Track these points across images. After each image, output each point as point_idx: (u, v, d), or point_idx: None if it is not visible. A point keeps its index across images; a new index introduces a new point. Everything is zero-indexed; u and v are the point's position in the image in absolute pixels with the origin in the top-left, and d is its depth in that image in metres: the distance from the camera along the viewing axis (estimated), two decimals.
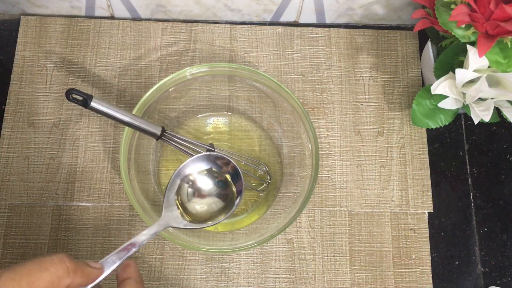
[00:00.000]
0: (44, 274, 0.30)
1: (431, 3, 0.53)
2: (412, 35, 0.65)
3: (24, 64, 0.62)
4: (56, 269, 0.31)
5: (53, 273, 0.31)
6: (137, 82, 0.62)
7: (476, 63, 0.50)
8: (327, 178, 0.59)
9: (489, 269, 0.57)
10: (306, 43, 0.64)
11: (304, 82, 0.62)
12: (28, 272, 0.30)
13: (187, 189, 0.47)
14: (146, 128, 0.49)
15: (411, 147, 0.61)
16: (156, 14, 0.65)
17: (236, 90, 0.59)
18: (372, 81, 0.63)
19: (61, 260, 0.31)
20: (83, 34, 0.63)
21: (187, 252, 0.56)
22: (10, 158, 0.58)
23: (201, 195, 0.48)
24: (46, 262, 0.31)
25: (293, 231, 0.57)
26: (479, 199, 0.60)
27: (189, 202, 0.47)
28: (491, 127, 0.63)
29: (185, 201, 0.47)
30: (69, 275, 0.31)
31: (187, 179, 0.47)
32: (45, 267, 0.30)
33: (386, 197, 0.59)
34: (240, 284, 0.55)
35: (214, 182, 0.49)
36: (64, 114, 0.60)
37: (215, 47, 0.64)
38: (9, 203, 0.56)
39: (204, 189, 0.48)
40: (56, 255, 0.31)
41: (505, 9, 0.46)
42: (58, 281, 0.31)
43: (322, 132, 0.61)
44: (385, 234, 0.57)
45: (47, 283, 0.30)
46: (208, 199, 0.48)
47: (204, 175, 0.48)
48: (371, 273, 0.56)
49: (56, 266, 0.31)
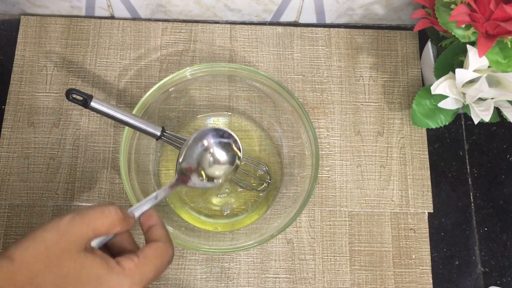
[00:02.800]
0: (105, 221, 0.34)
1: (431, 3, 0.53)
2: (412, 35, 0.65)
3: (24, 64, 0.62)
4: (112, 218, 0.35)
5: (110, 221, 0.35)
6: (137, 82, 0.62)
7: (476, 63, 0.50)
8: (327, 178, 0.59)
9: (489, 269, 0.57)
10: (306, 43, 0.64)
11: (304, 82, 0.62)
12: (93, 217, 0.34)
13: (197, 156, 0.48)
14: (146, 128, 0.49)
15: (411, 147, 0.61)
16: (156, 14, 0.65)
17: (236, 90, 0.59)
18: (372, 81, 0.63)
19: (116, 210, 0.35)
20: (83, 34, 0.63)
21: (187, 252, 0.56)
22: (10, 158, 0.58)
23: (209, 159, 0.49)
24: (105, 211, 0.35)
25: (293, 231, 0.57)
26: (479, 199, 0.60)
27: (199, 166, 0.48)
28: (491, 127, 0.63)
29: (195, 166, 0.48)
30: (120, 224, 0.35)
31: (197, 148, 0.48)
32: (105, 215, 0.34)
33: (386, 197, 0.59)
34: (240, 284, 0.55)
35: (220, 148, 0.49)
36: (64, 114, 0.60)
37: (215, 47, 0.64)
38: (9, 203, 0.56)
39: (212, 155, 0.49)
40: (112, 206, 0.35)
41: (505, 9, 0.46)
42: (112, 228, 0.35)
43: (322, 132, 0.61)
44: (385, 234, 0.57)
45: (106, 229, 0.34)
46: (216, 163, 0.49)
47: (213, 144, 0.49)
48: (371, 273, 0.56)
49: (113, 215, 0.35)
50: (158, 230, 0.38)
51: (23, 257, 0.31)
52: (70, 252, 0.32)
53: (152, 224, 0.39)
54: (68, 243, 0.32)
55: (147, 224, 0.39)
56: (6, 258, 0.31)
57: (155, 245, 0.37)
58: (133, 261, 0.34)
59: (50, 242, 0.32)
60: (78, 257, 0.32)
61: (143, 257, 0.35)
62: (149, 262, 0.35)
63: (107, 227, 0.35)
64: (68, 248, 0.32)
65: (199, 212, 0.57)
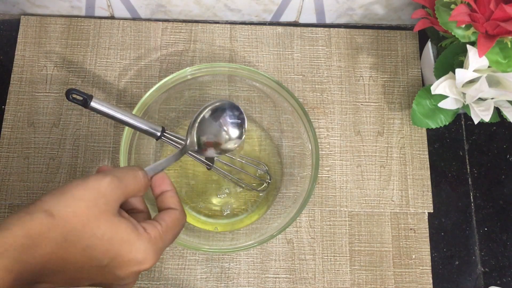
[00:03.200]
0: (136, 186, 0.36)
1: (431, 3, 0.53)
2: (412, 35, 0.65)
3: (24, 64, 0.62)
4: (142, 183, 0.37)
5: (140, 186, 0.37)
6: (137, 82, 0.62)
7: (476, 63, 0.50)
8: (327, 178, 0.59)
9: (489, 269, 0.57)
10: (306, 43, 0.64)
11: (304, 82, 0.62)
12: (129, 182, 0.36)
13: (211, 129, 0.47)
14: (146, 128, 0.49)
15: (411, 147, 0.61)
16: (156, 14, 0.65)
17: (236, 90, 0.59)
18: (372, 81, 0.63)
19: (144, 176, 0.37)
20: (83, 34, 0.63)
21: (187, 252, 0.56)
22: (10, 158, 0.58)
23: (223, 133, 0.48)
24: (138, 177, 0.37)
25: (293, 231, 0.57)
26: (479, 199, 0.60)
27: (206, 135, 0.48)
28: (491, 127, 0.63)
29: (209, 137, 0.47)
30: (145, 188, 0.38)
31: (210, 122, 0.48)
32: (137, 181, 0.36)
33: (386, 197, 0.59)
34: (240, 284, 0.55)
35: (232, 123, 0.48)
36: (64, 114, 0.60)
37: (215, 47, 0.64)
38: (9, 203, 0.56)
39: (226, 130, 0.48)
40: (142, 171, 0.37)
41: (505, 9, 0.46)
42: (139, 192, 0.37)
43: (322, 132, 0.61)
44: (385, 234, 0.57)
45: (135, 193, 0.36)
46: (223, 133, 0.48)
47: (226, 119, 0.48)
48: (371, 273, 0.56)
49: (142, 181, 0.37)
50: (174, 197, 0.39)
51: (63, 214, 0.32)
52: (107, 214, 0.33)
53: (166, 189, 0.39)
54: (107, 206, 0.33)
55: (160, 189, 0.39)
56: (45, 212, 0.31)
57: (173, 214, 0.38)
58: (157, 228, 0.35)
59: (91, 203, 0.33)
60: (113, 220, 0.33)
61: (165, 225, 0.36)
62: (170, 230, 0.37)
63: (136, 191, 0.36)
64: (107, 210, 0.33)
65: (199, 212, 0.57)
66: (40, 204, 0.32)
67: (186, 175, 0.58)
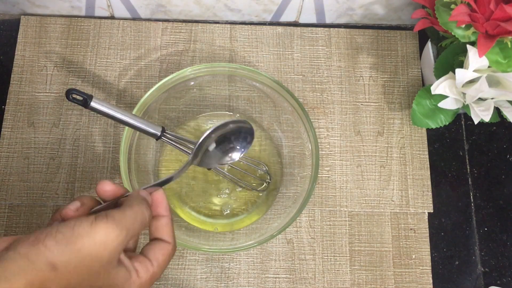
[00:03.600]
0: (142, 228, 0.35)
1: (431, 3, 0.53)
2: (412, 35, 0.65)
3: (24, 64, 0.62)
4: (147, 225, 0.36)
5: (145, 226, 0.36)
6: (137, 82, 0.62)
7: (476, 63, 0.50)
8: (327, 178, 0.59)
9: (489, 269, 0.57)
10: (306, 43, 0.64)
11: (304, 82, 0.62)
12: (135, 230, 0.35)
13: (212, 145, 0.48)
14: (146, 128, 0.49)
15: (411, 147, 0.61)
16: (156, 14, 0.65)
17: (236, 90, 0.59)
18: (372, 81, 0.63)
19: (149, 212, 0.36)
20: (83, 34, 0.63)
21: (187, 252, 0.56)
22: (10, 158, 0.58)
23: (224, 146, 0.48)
24: (145, 220, 0.36)
25: (293, 231, 0.57)
26: (479, 199, 0.60)
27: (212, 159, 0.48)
28: (491, 127, 0.63)
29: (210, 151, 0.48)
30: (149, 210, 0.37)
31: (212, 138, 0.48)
32: (145, 224, 0.36)
33: (386, 197, 0.59)
34: (240, 284, 0.55)
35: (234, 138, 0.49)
36: (64, 114, 0.60)
37: (215, 47, 0.64)
38: (9, 203, 0.56)
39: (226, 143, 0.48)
40: (148, 210, 0.36)
41: (505, 9, 0.46)
42: (146, 220, 0.36)
43: (322, 132, 0.61)
44: (385, 234, 0.57)
45: (141, 226, 0.35)
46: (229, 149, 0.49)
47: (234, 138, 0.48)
48: (371, 273, 0.56)
49: (147, 222, 0.36)
50: (168, 226, 0.38)
51: (66, 267, 0.31)
52: (108, 266, 0.33)
53: (161, 214, 0.39)
54: (110, 258, 0.33)
55: (155, 211, 0.38)
56: (49, 265, 0.31)
57: (166, 250, 0.37)
58: (150, 271, 0.36)
59: (96, 258, 0.32)
60: (112, 272, 0.33)
61: (157, 265, 0.36)
62: (161, 269, 0.37)
63: (142, 225, 0.36)
64: (109, 263, 0.33)
65: (199, 212, 0.57)
66: (44, 253, 0.31)
67: (186, 175, 0.58)
